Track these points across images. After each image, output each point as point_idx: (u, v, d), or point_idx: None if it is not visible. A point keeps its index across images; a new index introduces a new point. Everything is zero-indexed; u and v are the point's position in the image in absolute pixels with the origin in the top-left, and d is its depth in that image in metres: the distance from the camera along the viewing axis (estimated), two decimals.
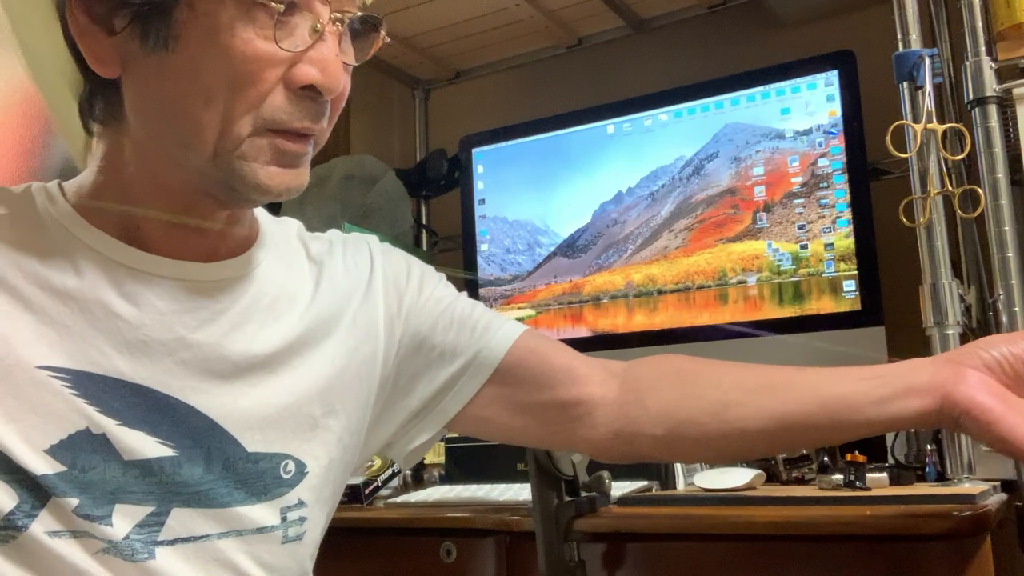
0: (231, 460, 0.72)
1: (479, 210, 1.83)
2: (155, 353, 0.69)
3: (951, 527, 0.93)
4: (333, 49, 0.68)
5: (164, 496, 0.68)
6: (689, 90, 1.65)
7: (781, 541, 1.02)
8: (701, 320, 1.57)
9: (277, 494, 0.74)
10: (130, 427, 0.67)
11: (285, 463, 0.76)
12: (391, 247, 0.90)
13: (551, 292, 1.72)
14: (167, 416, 0.69)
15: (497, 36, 1.92)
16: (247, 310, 0.75)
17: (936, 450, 1.19)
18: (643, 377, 0.85)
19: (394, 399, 0.86)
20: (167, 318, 0.70)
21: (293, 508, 0.75)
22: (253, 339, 0.74)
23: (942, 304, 1.16)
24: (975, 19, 1.23)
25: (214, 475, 0.70)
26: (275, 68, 0.66)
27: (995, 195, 1.18)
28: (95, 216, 0.71)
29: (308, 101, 0.68)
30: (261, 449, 0.74)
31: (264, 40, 0.65)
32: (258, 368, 0.74)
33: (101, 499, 0.66)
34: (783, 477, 1.25)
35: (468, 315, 0.86)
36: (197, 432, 0.70)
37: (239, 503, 0.71)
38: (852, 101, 1.49)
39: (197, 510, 0.69)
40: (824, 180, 1.49)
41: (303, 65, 0.67)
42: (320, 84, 0.67)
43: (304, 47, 0.67)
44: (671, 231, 1.63)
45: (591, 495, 1.11)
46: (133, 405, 0.68)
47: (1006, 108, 1.21)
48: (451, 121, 2.11)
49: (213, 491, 0.70)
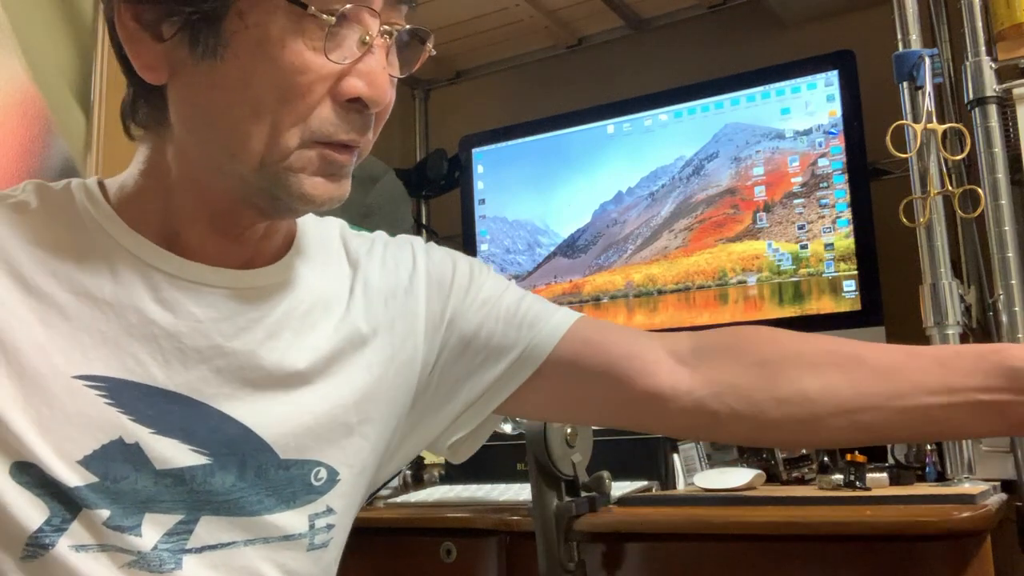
0: (264, 467, 0.71)
1: (479, 210, 1.83)
2: (190, 360, 0.69)
3: (951, 527, 0.93)
4: (381, 62, 0.68)
5: (194, 504, 0.68)
6: (689, 90, 1.65)
7: (781, 541, 1.02)
8: (701, 320, 1.57)
9: (306, 501, 0.74)
10: (164, 435, 0.67)
11: (317, 470, 0.75)
12: (436, 246, 0.87)
13: (551, 292, 1.72)
14: (202, 423, 0.69)
15: (497, 36, 1.92)
16: (284, 318, 0.74)
17: (936, 450, 1.19)
18: (720, 367, 0.78)
19: (435, 405, 0.84)
20: (204, 325, 0.70)
21: (321, 515, 0.75)
22: (288, 349, 0.74)
23: (942, 304, 1.16)
24: (975, 19, 1.23)
25: (246, 482, 0.70)
26: (324, 81, 0.66)
27: (995, 195, 1.18)
28: (135, 219, 0.71)
29: (355, 114, 0.68)
30: (294, 456, 0.73)
31: (313, 52, 0.65)
32: (294, 379, 0.73)
33: (132, 509, 0.66)
34: (783, 477, 1.25)
35: (515, 310, 0.82)
36: (232, 439, 0.70)
37: (267, 511, 0.71)
38: (852, 101, 1.49)
39: (226, 518, 0.69)
40: (824, 180, 1.50)
41: (351, 78, 0.66)
42: (367, 97, 0.67)
43: (352, 60, 0.66)
44: (671, 231, 1.63)
45: (591, 495, 1.11)
46: (167, 412, 0.67)
47: (1006, 108, 1.21)
48: (451, 121, 2.11)
49: (244, 499, 0.69)
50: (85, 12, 1.52)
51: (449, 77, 2.13)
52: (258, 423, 0.71)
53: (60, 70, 1.47)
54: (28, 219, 0.69)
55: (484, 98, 2.13)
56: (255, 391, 0.72)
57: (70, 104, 1.47)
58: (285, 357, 0.73)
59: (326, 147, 0.67)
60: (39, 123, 1.42)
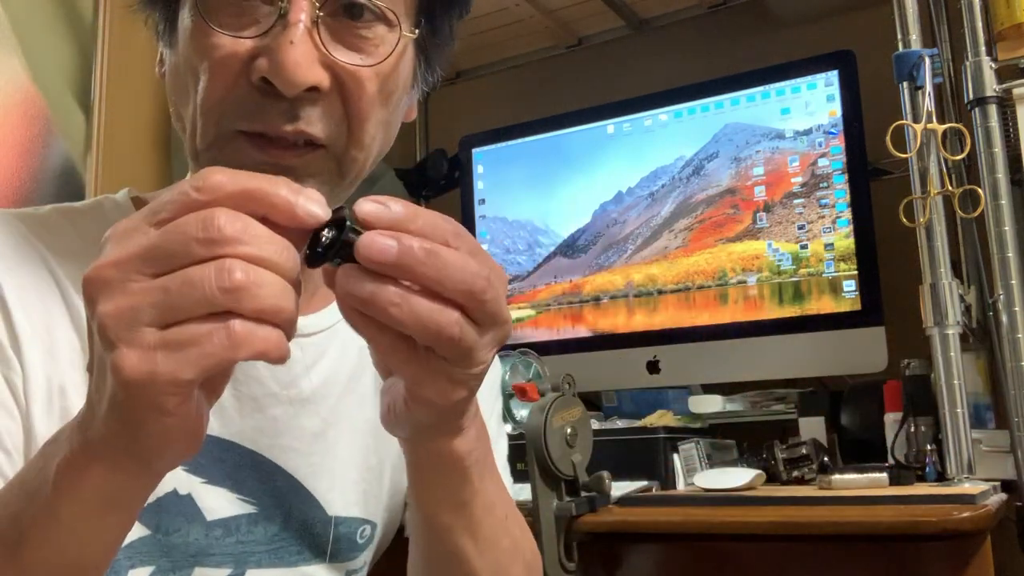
0: (310, 522, 0.70)
1: (479, 210, 1.83)
2: (246, 408, 0.67)
3: (951, 527, 0.93)
4: (292, 36, 0.58)
5: (241, 556, 0.66)
6: (689, 90, 1.65)
7: (781, 541, 1.02)
8: (701, 320, 1.56)
9: (348, 558, 0.73)
10: (214, 484, 0.65)
11: (363, 528, 0.74)
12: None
13: (551, 292, 1.72)
14: (252, 473, 0.67)
15: (497, 36, 1.92)
16: (335, 364, 0.73)
17: (936, 450, 1.18)
18: None
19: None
20: (260, 372, 0.68)
21: (357, 571, 0.74)
22: (340, 397, 0.72)
23: (942, 304, 1.16)
24: (975, 19, 1.23)
25: (289, 533, 0.69)
26: (235, 59, 0.59)
27: (995, 195, 1.18)
28: None
29: (271, 99, 0.59)
30: (342, 513, 0.72)
31: (223, 28, 0.59)
32: (345, 429, 0.72)
33: (182, 562, 0.63)
34: (783, 477, 1.25)
35: None
36: (280, 491, 0.68)
37: (305, 562, 0.70)
38: (852, 101, 1.49)
39: (268, 570, 0.68)
40: (824, 180, 1.49)
41: (261, 57, 0.58)
42: (270, 76, 0.58)
43: (258, 33, 0.58)
44: (671, 231, 1.63)
45: (591, 495, 1.11)
46: (219, 461, 0.65)
47: (1006, 108, 1.21)
48: (451, 121, 2.11)
49: (285, 548, 0.68)
50: (85, 12, 1.52)
51: (449, 77, 2.13)
52: (307, 475, 0.70)
53: (60, 70, 1.47)
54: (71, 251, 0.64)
55: (484, 98, 2.13)
56: (310, 441, 0.70)
57: (70, 104, 1.47)
58: (336, 407, 0.72)
59: (245, 138, 0.60)
60: (39, 123, 1.42)
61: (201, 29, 0.59)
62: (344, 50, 0.61)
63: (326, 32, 0.60)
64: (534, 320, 1.72)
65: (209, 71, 0.59)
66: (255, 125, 0.60)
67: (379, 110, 0.65)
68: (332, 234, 0.44)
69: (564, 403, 1.08)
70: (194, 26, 0.60)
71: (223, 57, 0.59)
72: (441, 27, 0.69)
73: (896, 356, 1.34)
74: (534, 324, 1.72)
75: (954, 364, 1.14)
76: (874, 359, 1.39)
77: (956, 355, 1.14)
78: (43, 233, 0.65)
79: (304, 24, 0.58)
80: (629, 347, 1.61)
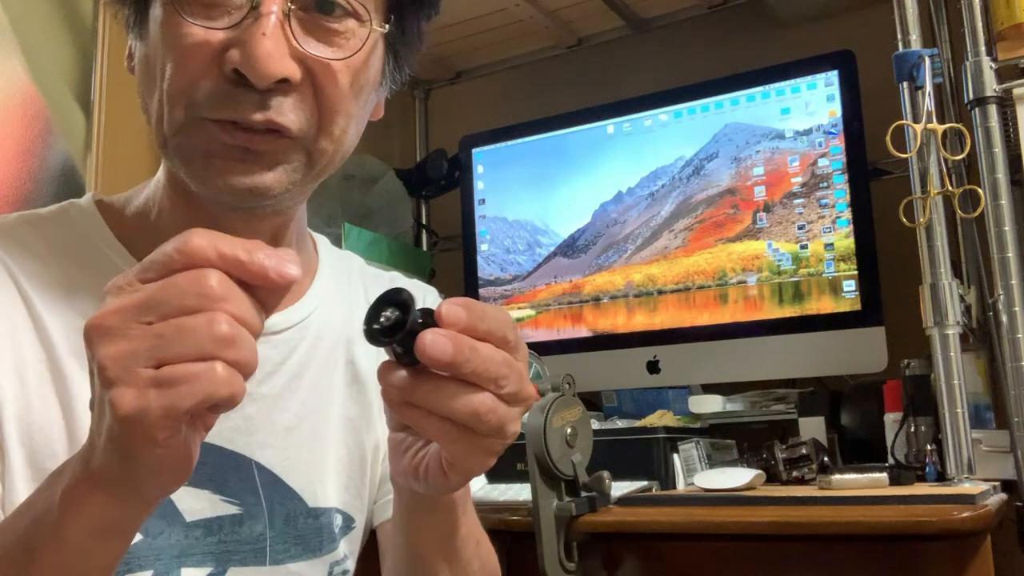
0: (292, 515, 0.71)
1: (479, 210, 1.83)
2: None
3: (951, 527, 0.93)
4: (264, 28, 0.59)
5: (223, 556, 0.67)
6: (689, 90, 1.65)
7: (781, 541, 1.02)
8: (701, 320, 1.57)
9: (329, 549, 0.74)
10: (196, 486, 0.66)
11: (339, 517, 0.75)
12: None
13: (551, 292, 1.72)
14: (233, 473, 0.68)
15: (497, 36, 1.92)
16: (305, 359, 0.74)
17: (936, 450, 1.18)
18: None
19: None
20: None
21: (339, 563, 0.75)
22: (311, 391, 0.73)
23: (942, 304, 1.16)
24: (975, 19, 1.23)
25: (274, 531, 0.70)
26: (205, 49, 0.60)
27: (995, 195, 1.18)
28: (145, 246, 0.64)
29: (242, 88, 0.60)
30: (321, 504, 0.73)
31: (193, 18, 0.60)
32: (318, 422, 0.73)
33: (170, 563, 0.65)
34: (783, 477, 1.25)
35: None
36: (260, 488, 0.70)
37: (292, 559, 0.71)
38: (852, 101, 1.49)
39: (252, 568, 0.69)
40: (824, 180, 1.49)
41: (233, 48, 0.60)
42: (242, 67, 0.59)
43: (229, 25, 0.60)
44: (671, 231, 1.63)
45: (591, 495, 1.11)
46: (200, 464, 0.65)
47: (1006, 108, 1.21)
48: (451, 121, 2.11)
49: (270, 547, 0.69)
50: (85, 12, 1.52)
51: (449, 77, 2.13)
52: (286, 470, 0.71)
53: (60, 70, 1.47)
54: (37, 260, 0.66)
55: (484, 98, 2.13)
56: (285, 436, 0.71)
57: (70, 104, 1.46)
58: (307, 401, 0.73)
59: (214, 124, 0.61)
60: (39, 123, 1.42)
61: (173, 19, 0.61)
62: (315, 43, 0.63)
63: (297, 25, 0.62)
64: (534, 320, 1.72)
65: (178, 59, 0.61)
66: (225, 113, 0.61)
67: (351, 103, 0.66)
68: (396, 316, 0.50)
69: (564, 403, 1.08)
70: (166, 16, 0.61)
71: (193, 44, 0.60)
72: (410, 25, 0.70)
73: (896, 356, 1.34)
74: (534, 324, 1.72)
75: (954, 364, 1.14)
76: (874, 359, 1.39)
77: (956, 355, 1.14)
78: (8, 244, 0.66)
79: (276, 16, 0.60)
80: (629, 347, 1.61)
